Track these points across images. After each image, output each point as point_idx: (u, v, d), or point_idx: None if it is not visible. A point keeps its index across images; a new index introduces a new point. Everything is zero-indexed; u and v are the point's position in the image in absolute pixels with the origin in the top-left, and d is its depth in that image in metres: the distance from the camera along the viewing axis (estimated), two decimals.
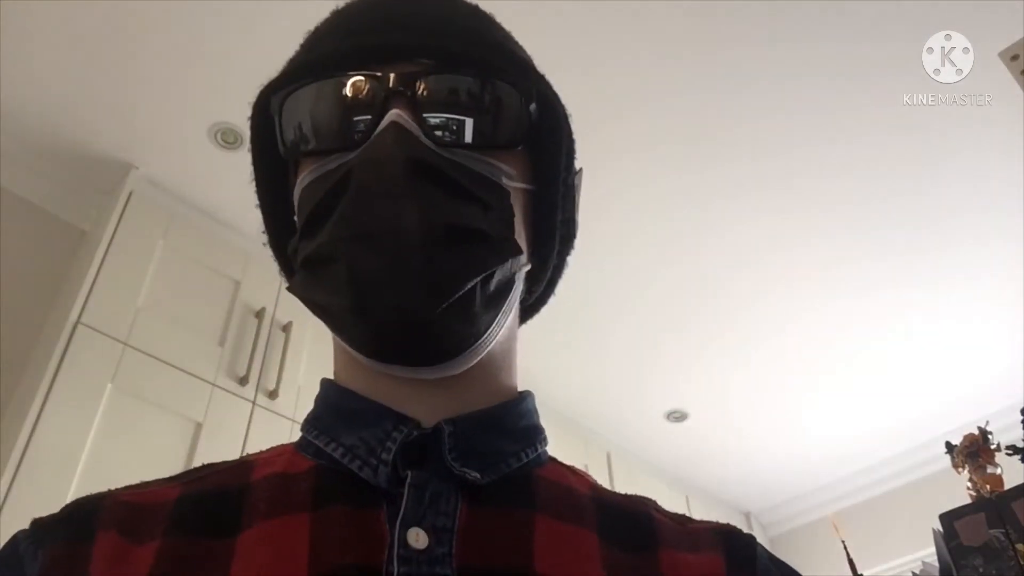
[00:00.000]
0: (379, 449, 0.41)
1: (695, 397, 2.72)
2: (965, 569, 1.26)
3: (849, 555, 1.61)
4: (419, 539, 0.37)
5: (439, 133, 0.42)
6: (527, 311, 0.54)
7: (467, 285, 0.40)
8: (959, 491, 1.46)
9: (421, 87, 0.42)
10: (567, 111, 0.49)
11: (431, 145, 0.41)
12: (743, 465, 3.06)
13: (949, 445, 1.53)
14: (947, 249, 2.17)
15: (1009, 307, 2.34)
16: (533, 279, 0.50)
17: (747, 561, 0.43)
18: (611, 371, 2.61)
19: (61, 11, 1.58)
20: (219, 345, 1.81)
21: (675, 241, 2.15)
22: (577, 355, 2.51)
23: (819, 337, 2.46)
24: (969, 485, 1.43)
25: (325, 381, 0.49)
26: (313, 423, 0.46)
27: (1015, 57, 1.45)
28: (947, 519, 1.33)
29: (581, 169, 0.52)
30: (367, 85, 0.43)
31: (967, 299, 2.33)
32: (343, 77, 0.43)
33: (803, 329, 2.43)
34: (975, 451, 1.46)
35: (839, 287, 2.29)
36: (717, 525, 0.46)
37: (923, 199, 2.03)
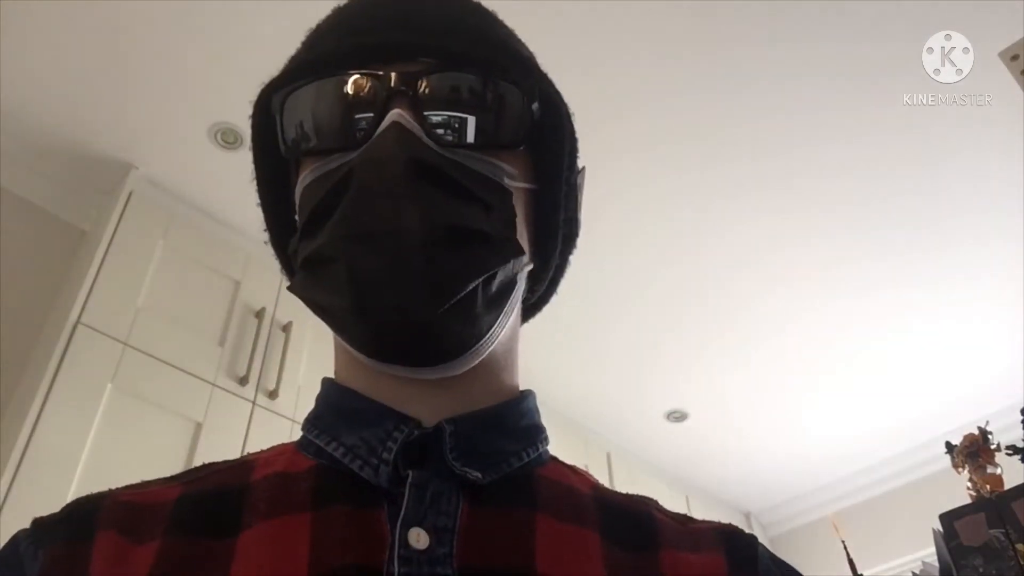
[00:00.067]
0: (380, 449, 0.41)
1: (695, 397, 2.71)
2: (965, 569, 1.26)
3: (849, 555, 1.61)
4: (420, 539, 0.36)
5: (440, 133, 0.42)
6: (529, 310, 0.53)
7: (468, 286, 0.40)
8: (959, 491, 1.46)
9: (423, 86, 0.42)
10: (570, 110, 0.48)
11: (432, 145, 0.41)
12: (743, 465, 3.06)
13: (949, 445, 1.53)
14: (947, 249, 2.17)
15: (1009, 307, 2.34)
16: (535, 278, 0.50)
17: (748, 561, 0.43)
18: (611, 371, 2.61)
19: (61, 11, 1.58)
20: (219, 345, 1.81)
21: (675, 241, 2.15)
22: (577, 355, 2.51)
23: (819, 337, 2.46)
24: (969, 485, 1.43)
25: (326, 380, 0.48)
26: (314, 422, 0.46)
27: (1015, 57, 1.45)
28: (947, 519, 1.33)
29: (584, 168, 0.51)
30: (368, 84, 0.42)
31: (967, 299, 2.33)
32: (344, 76, 0.43)
33: (803, 329, 2.43)
34: (975, 451, 1.46)
35: (839, 287, 2.28)
36: (719, 525, 0.46)
37: (923, 199, 2.03)
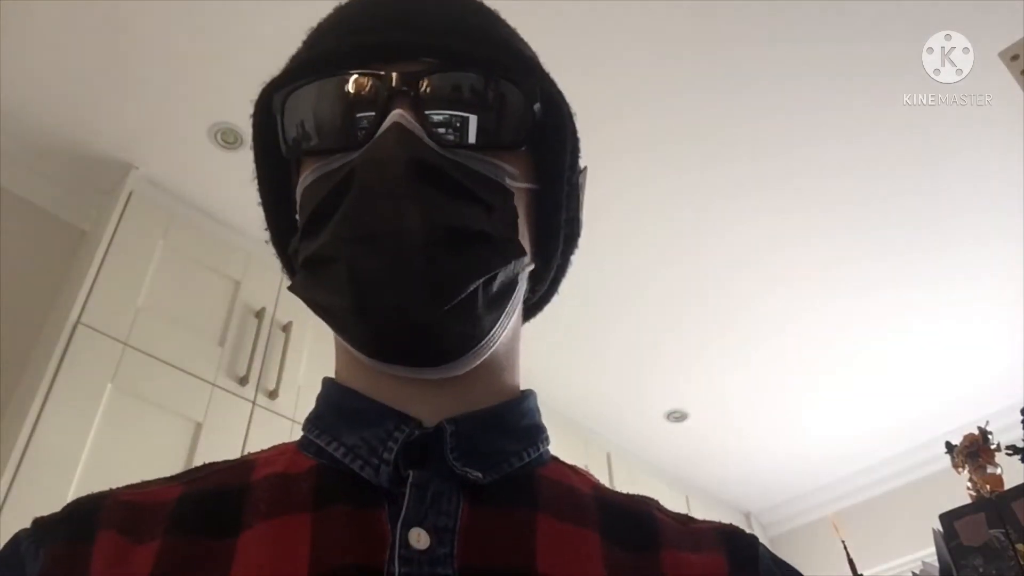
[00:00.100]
0: (381, 449, 0.41)
1: (695, 397, 2.71)
2: (965, 569, 1.26)
3: (849, 555, 1.61)
4: (420, 539, 0.36)
5: (442, 133, 0.42)
6: (530, 310, 0.53)
7: (469, 287, 0.40)
8: (959, 491, 1.46)
9: (424, 86, 0.42)
10: (572, 109, 0.48)
11: (434, 146, 0.41)
12: (743, 465, 3.06)
13: (949, 445, 1.53)
14: (947, 249, 2.17)
15: (1009, 307, 2.34)
16: (537, 278, 0.49)
17: (750, 561, 0.43)
18: (611, 371, 2.61)
19: (61, 11, 1.58)
20: (219, 345, 1.81)
21: (675, 241, 2.15)
22: (577, 355, 2.51)
23: (819, 337, 2.46)
24: (969, 485, 1.43)
25: (327, 380, 0.48)
26: (315, 422, 0.45)
27: (1015, 57, 1.45)
28: (947, 519, 1.33)
29: (586, 167, 0.51)
30: (370, 84, 0.42)
31: (967, 299, 2.33)
32: (345, 76, 0.43)
33: (803, 329, 2.43)
34: (975, 451, 1.46)
35: (839, 287, 2.28)
36: (720, 525, 0.46)
37: (923, 199, 2.03)
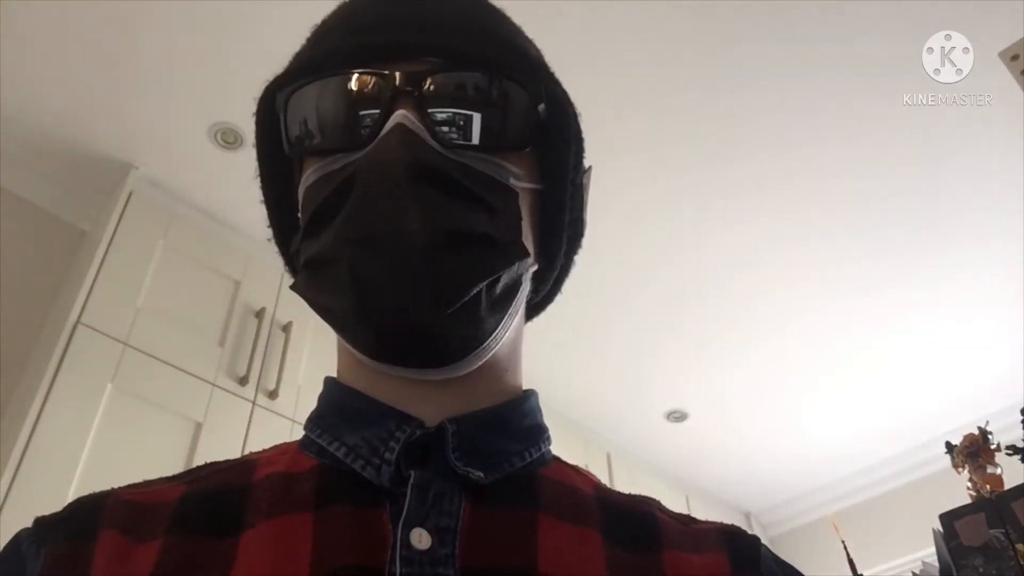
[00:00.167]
0: (382, 449, 0.41)
1: (695, 397, 2.71)
2: (965, 569, 1.26)
3: (849, 555, 1.61)
4: (422, 539, 0.36)
5: (445, 133, 0.41)
6: (533, 309, 0.53)
7: (472, 290, 0.39)
8: (959, 491, 1.46)
9: (428, 87, 0.41)
10: (576, 110, 0.48)
11: (437, 147, 0.40)
12: (743, 465, 3.06)
13: (949, 445, 1.53)
14: (947, 249, 2.17)
15: (1009, 307, 2.34)
16: (540, 278, 0.49)
17: (751, 562, 0.43)
18: (611, 371, 2.61)
19: (61, 11, 1.58)
20: (219, 345, 1.81)
21: (675, 241, 2.15)
22: (577, 355, 2.51)
23: (819, 337, 2.46)
24: (969, 485, 1.43)
25: (328, 379, 0.48)
26: (316, 422, 0.45)
27: (1015, 57, 1.45)
28: (947, 519, 1.33)
29: (590, 167, 0.51)
30: (373, 84, 0.42)
31: (967, 299, 2.33)
32: (349, 75, 0.43)
33: (803, 329, 2.43)
34: (975, 451, 1.46)
35: (839, 287, 2.28)
36: (721, 526, 0.46)
37: (923, 199, 2.03)
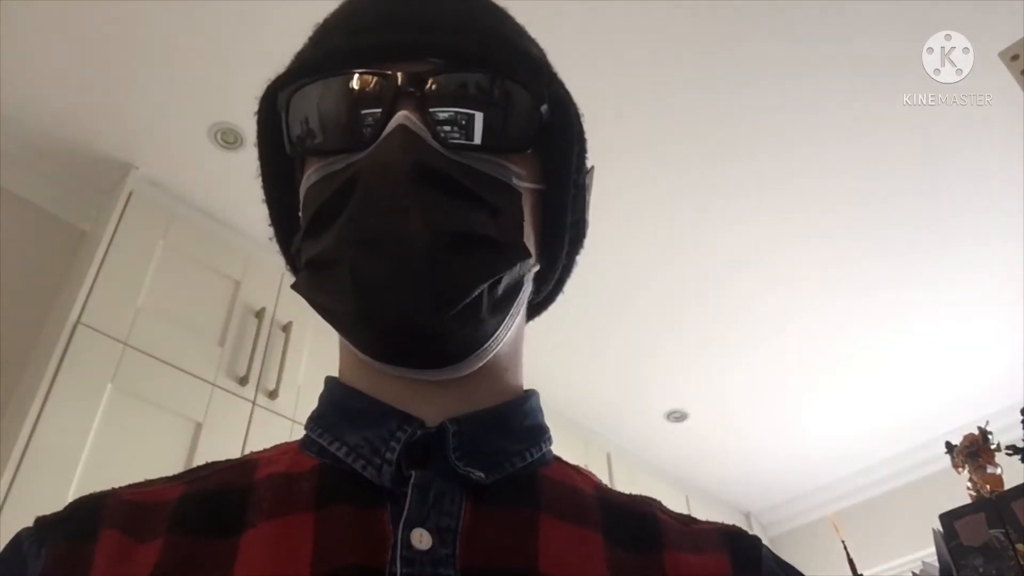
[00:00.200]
0: (383, 449, 0.40)
1: (695, 397, 2.71)
2: (965, 569, 1.26)
3: (849, 555, 1.61)
4: (423, 540, 0.36)
5: (447, 134, 0.41)
6: (535, 309, 0.53)
7: (474, 292, 0.39)
8: (959, 491, 1.46)
9: (430, 87, 0.41)
10: (579, 110, 0.47)
11: (439, 148, 0.40)
12: (743, 465, 3.06)
13: (949, 445, 1.53)
14: (947, 249, 2.17)
15: (1009, 307, 2.34)
16: (541, 279, 0.49)
17: (752, 562, 0.43)
18: (611, 371, 2.61)
19: (61, 11, 1.58)
20: (219, 345, 1.81)
21: (675, 241, 2.15)
22: (577, 355, 2.51)
23: (819, 337, 2.46)
24: (969, 485, 1.43)
25: (330, 379, 0.48)
26: (317, 421, 0.45)
27: (1015, 57, 1.45)
28: (947, 519, 1.33)
29: (593, 167, 0.51)
30: (375, 84, 0.42)
31: (967, 299, 2.33)
32: (350, 75, 0.42)
33: (803, 329, 2.43)
34: (975, 451, 1.46)
35: (839, 287, 2.28)
36: (722, 526, 0.46)
37: (923, 199, 2.03)
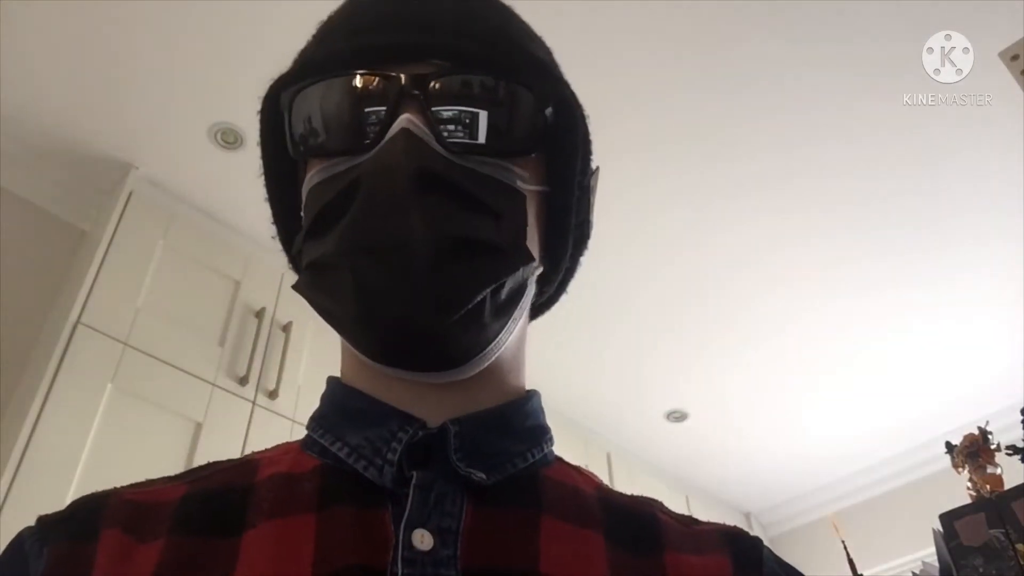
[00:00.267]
0: (384, 449, 0.40)
1: (695, 397, 2.71)
2: (965, 569, 1.26)
3: (849, 555, 1.61)
4: (424, 541, 0.36)
5: (451, 137, 0.41)
6: (537, 309, 0.52)
7: (476, 298, 0.39)
8: (959, 491, 1.46)
9: (434, 90, 0.41)
10: (584, 112, 0.47)
11: (442, 152, 0.40)
12: (743, 465, 3.06)
13: (949, 445, 1.53)
14: (947, 249, 2.17)
15: (1009, 307, 2.34)
16: (545, 280, 0.49)
17: (753, 563, 0.43)
18: (611, 371, 2.61)
19: (61, 11, 1.58)
20: (219, 345, 1.81)
21: (675, 241, 2.15)
22: (577, 355, 2.51)
23: (819, 337, 2.46)
24: (969, 485, 1.43)
25: (331, 379, 0.48)
26: (319, 422, 0.45)
27: (1015, 57, 1.45)
28: (947, 519, 1.33)
29: (598, 168, 0.51)
30: (378, 85, 0.41)
31: (967, 299, 2.33)
32: (353, 76, 0.42)
33: (803, 329, 2.43)
34: (975, 451, 1.46)
35: (839, 287, 2.28)
36: (723, 527, 0.46)
37: (923, 199, 2.03)
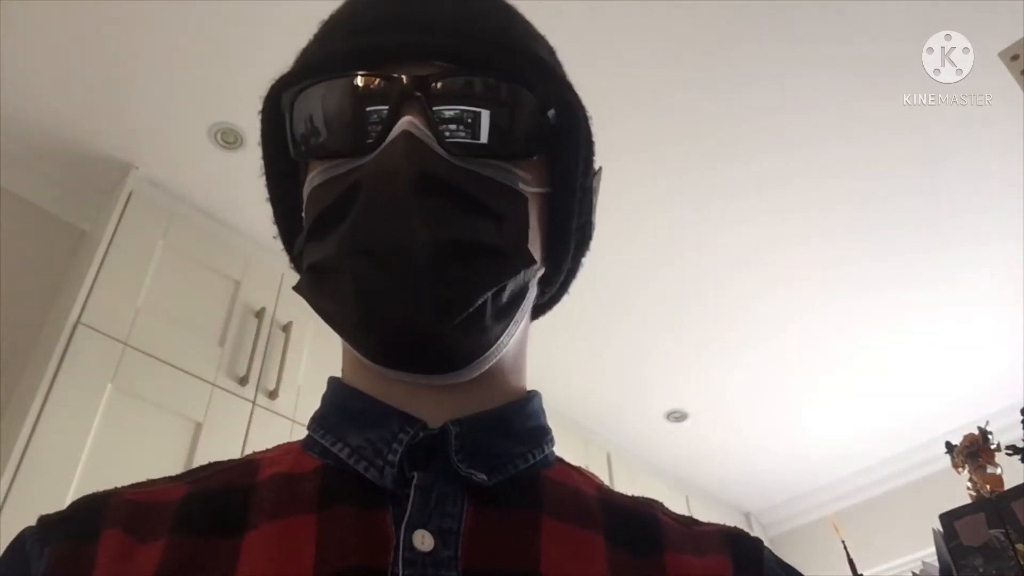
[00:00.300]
0: (385, 450, 0.40)
1: (695, 397, 2.71)
2: (965, 569, 1.26)
3: (849, 555, 1.61)
4: (425, 541, 0.36)
5: (452, 140, 0.40)
6: (539, 310, 0.52)
7: (477, 301, 0.39)
8: (959, 491, 1.46)
9: (435, 91, 0.40)
10: (587, 113, 0.47)
11: (443, 154, 0.40)
12: (743, 465, 3.06)
13: (949, 445, 1.53)
14: (947, 249, 2.17)
15: (1009, 307, 2.34)
16: (547, 281, 0.49)
17: (754, 564, 0.43)
18: (611, 371, 2.61)
19: (61, 11, 1.58)
20: (219, 345, 1.81)
21: (675, 241, 2.15)
22: (577, 355, 2.51)
23: (819, 337, 2.46)
24: (969, 485, 1.43)
25: (332, 380, 0.48)
26: (320, 422, 0.45)
27: (1015, 57, 1.45)
28: (947, 519, 1.33)
29: (600, 168, 0.50)
30: (380, 87, 0.41)
31: (967, 299, 2.33)
32: (355, 78, 0.42)
33: (803, 329, 2.43)
34: (975, 451, 1.46)
35: (839, 287, 2.28)
36: (724, 528, 0.46)
37: (923, 199, 2.03)
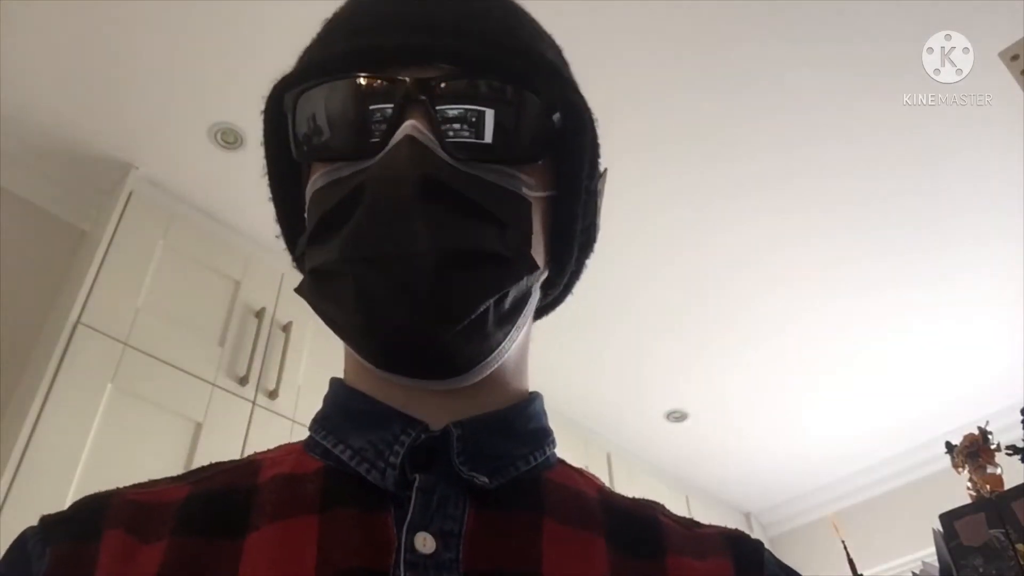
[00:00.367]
0: (387, 452, 0.40)
1: (695, 397, 2.71)
2: (965, 569, 1.26)
3: (849, 555, 1.61)
4: (426, 544, 0.36)
5: (456, 145, 0.40)
6: (541, 311, 0.52)
7: (480, 308, 0.39)
8: (959, 491, 1.46)
9: (439, 94, 0.40)
10: (593, 115, 0.46)
11: (447, 158, 0.39)
12: (743, 465, 3.06)
13: (949, 445, 1.53)
14: (947, 249, 2.17)
15: (1009, 307, 2.34)
16: (550, 283, 0.48)
17: (755, 566, 0.43)
18: (611, 371, 2.61)
19: (61, 11, 1.58)
20: (219, 345, 1.81)
21: (675, 241, 2.15)
22: (577, 355, 2.51)
23: (819, 337, 2.46)
24: (969, 485, 1.43)
25: (334, 381, 0.48)
26: (321, 423, 0.45)
27: (1015, 57, 1.45)
28: (947, 519, 1.33)
29: (606, 170, 0.50)
30: (383, 89, 0.41)
31: (967, 299, 2.33)
32: (358, 80, 0.41)
33: (803, 329, 2.43)
34: (975, 451, 1.46)
35: (839, 287, 2.29)
36: (725, 530, 0.46)
37: (923, 199, 2.03)
